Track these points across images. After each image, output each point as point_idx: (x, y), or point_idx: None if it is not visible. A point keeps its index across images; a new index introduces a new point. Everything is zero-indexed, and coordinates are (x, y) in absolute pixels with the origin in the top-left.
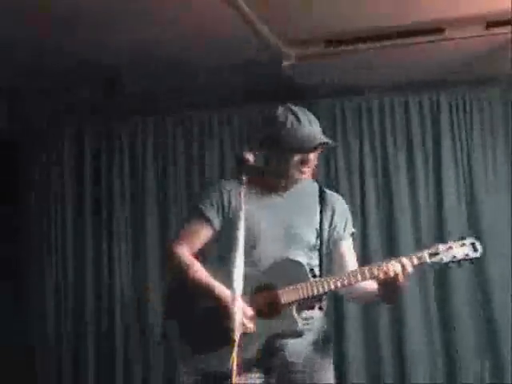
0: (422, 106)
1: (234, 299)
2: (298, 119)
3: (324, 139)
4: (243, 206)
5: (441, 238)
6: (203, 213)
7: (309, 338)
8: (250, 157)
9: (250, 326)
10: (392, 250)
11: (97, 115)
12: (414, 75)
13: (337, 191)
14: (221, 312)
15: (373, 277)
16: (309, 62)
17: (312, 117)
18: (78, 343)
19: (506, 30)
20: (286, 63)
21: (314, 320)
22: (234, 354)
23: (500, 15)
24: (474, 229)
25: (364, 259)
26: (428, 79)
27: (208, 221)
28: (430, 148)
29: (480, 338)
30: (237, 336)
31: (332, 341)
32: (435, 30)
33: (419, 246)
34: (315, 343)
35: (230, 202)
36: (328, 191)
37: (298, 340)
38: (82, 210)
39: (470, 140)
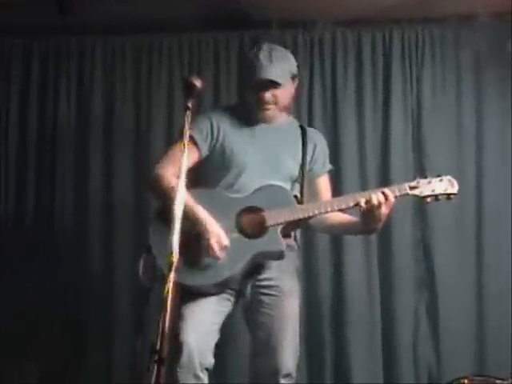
0: (375, 42)
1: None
2: (258, 57)
3: (271, 77)
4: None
5: (386, 173)
6: (192, 135)
7: (283, 265)
8: (197, 82)
9: (221, 255)
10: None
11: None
12: (367, 11)
13: None
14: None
15: (355, 204)
16: None
17: (279, 57)
18: None
19: None
20: None
21: (289, 248)
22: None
23: None
24: (419, 162)
25: None
26: (381, 16)
27: (195, 144)
28: (380, 84)
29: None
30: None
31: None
32: None
33: (365, 184)
34: (287, 271)
35: (218, 130)
36: (309, 128)
37: (275, 264)
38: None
39: (420, 77)
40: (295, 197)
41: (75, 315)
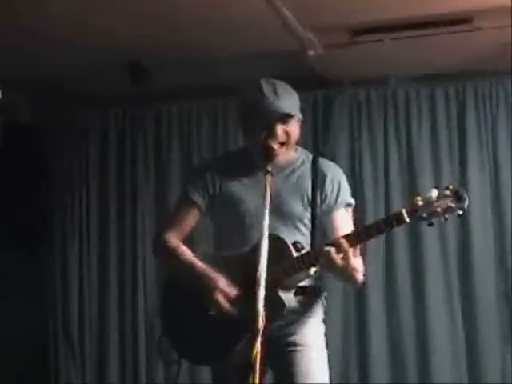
0: (448, 97)
1: (216, 278)
2: (262, 92)
3: (284, 110)
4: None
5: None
6: (189, 196)
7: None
8: (275, 145)
9: (232, 309)
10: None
11: (121, 102)
12: (440, 66)
13: (360, 179)
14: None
15: (311, 262)
16: (335, 51)
17: (284, 90)
18: None
19: None
20: (311, 52)
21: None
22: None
23: None
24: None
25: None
26: (455, 70)
27: (194, 204)
28: (456, 139)
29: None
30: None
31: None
32: (462, 19)
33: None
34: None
35: (215, 183)
36: (322, 160)
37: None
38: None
39: (495, 130)
40: (295, 244)
41: None
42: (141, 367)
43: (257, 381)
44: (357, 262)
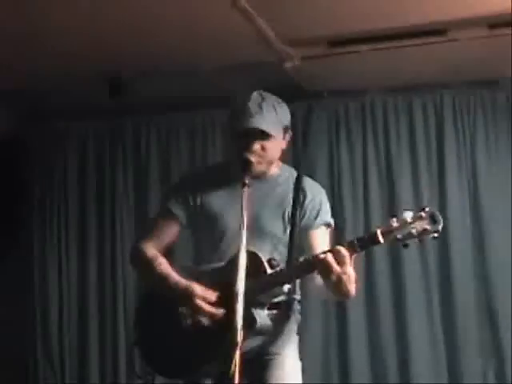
0: (426, 107)
1: (191, 285)
2: (246, 105)
3: (260, 126)
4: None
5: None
6: (169, 208)
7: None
8: (253, 158)
9: (217, 311)
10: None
11: (100, 115)
12: (417, 77)
13: (340, 191)
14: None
15: (308, 269)
16: (312, 62)
17: (270, 106)
18: None
19: (508, 31)
20: (288, 64)
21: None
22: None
23: (502, 16)
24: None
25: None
26: (432, 81)
27: (174, 217)
28: (434, 149)
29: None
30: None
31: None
32: (438, 31)
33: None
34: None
35: (195, 196)
36: (305, 179)
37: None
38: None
39: (473, 141)
40: (269, 260)
41: None
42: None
43: None
44: (352, 273)
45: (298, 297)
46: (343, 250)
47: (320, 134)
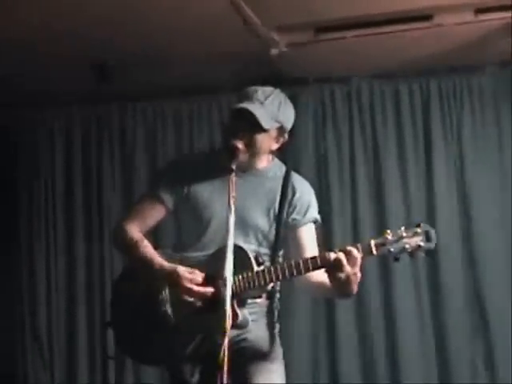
0: (412, 93)
1: (174, 268)
2: (241, 93)
3: (249, 109)
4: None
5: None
6: (156, 192)
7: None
8: (240, 144)
9: (204, 290)
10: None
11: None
12: (403, 63)
13: (326, 178)
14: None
15: (315, 267)
16: (298, 49)
17: (265, 99)
18: None
19: (495, 16)
20: (274, 51)
21: (257, 311)
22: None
23: (489, 1)
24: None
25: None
26: (418, 67)
27: (161, 201)
28: (421, 135)
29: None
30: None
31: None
32: (424, 16)
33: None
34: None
35: (184, 181)
36: (294, 175)
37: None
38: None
39: (460, 127)
40: (256, 257)
41: None
42: (110, 369)
43: (225, 381)
44: (359, 274)
45: (277, 287)
46: (355, 252)
47: (306, 120)
